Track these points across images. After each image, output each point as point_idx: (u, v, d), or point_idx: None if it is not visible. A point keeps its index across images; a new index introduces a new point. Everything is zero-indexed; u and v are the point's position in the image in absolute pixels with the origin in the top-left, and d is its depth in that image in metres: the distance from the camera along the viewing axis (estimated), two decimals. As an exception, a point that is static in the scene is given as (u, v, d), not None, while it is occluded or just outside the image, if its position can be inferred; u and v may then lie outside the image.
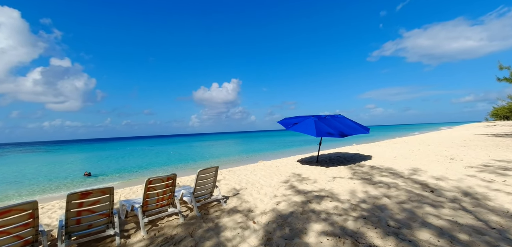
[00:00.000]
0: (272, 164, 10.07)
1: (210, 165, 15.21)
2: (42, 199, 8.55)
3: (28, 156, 35.15)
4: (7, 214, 2.76)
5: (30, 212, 2.94)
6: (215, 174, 5.05)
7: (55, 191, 10.08)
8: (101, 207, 3.52)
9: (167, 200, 4.40)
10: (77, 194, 3.28)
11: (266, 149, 28.49)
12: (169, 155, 25.98)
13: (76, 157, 29.80)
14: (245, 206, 4.76)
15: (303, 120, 8.26)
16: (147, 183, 3.98)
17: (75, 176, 13.94)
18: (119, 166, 18.49)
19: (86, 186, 10.92)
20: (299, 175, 7.31)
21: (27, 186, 11.77)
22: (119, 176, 13.51)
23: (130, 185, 9.25)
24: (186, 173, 12.05)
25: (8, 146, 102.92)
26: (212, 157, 21.83)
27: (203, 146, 40.14)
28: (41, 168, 19.12)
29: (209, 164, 16.00)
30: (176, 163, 18.44)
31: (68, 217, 3.29)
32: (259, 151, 25.90)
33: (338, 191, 5.30)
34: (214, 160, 19.23)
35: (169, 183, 4.32)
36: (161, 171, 14.47)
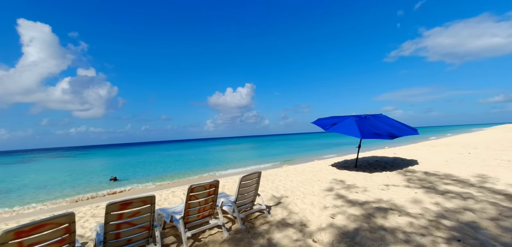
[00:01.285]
0: (303, 169, 9.36)
1: (233, 170, 14.74)
2: (71, 206, 8.45)
3: (57, 161, 36.91)
4: (41, 229, 2.34)
5: (66, 226, 2.51)
6: (258, 180, 4.49)
7: (84, 197, 10.03)
8: (141, 219, 3.06)
9: (208, 210, 3.88)
10: (117, 204, 2.84)
11: (285, 152, 27.68)
12: (188, 160, 25.96)
13: (101, 162, 30.75)
14: (295, 218, 4.13)
15: (342, 120, 7.52)
16: (189, 191, 3.47)
17: (102, 181, 14.05)
18: (142, 170, 18.58)
19: (112, 190, 10.83)
20: (341, 181, 6.55)
21: (57, 190, 11.93)
22: (144, 180, 13.40)
23: (155, 189, 8.97)
24: (206, 179, 11.64)
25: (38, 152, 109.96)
26: (232, 161, 21.41)
27: (221, 150, 40.04)
28: (69, 173, 19.71)
29: (230, 169, 15.55)
30: (195, 167, 18.20)
31: (107, 230, 2.85)
32: (279, 154, 25.16)
33: (400, 202, 4.51)
34: (234, 163, 18.79)
35: (212, 191, 3.80)
36: (183, 176, 14.20)
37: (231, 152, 34.75)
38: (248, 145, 57.04)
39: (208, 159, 26.05)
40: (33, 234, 2.29)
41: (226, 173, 13.99)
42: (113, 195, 9.82)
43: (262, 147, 44.18)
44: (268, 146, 46.05)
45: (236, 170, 15.15)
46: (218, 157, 27.87)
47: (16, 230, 2.20)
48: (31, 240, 2.29)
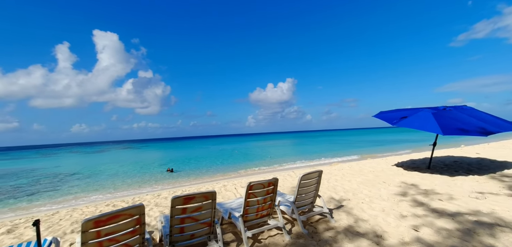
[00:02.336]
0: (359, 168, 8.40)
1: (278, 166, 14.43)
2: (136, 193, 9.33)
3: (124, 152, 42.66)
4: (116, 219, 2.40)
5: (137, 218, 2.54)
6: (318, 180, 4.03)
7: (145, 185, 11.09)
8: (203, 215, 2.97)
9: (267, 209, 3.62)
10: (181, 198, 2.79)
11: (331, 149, 26.04)
12: (232, 154, 26.73)
13: (158, 154, 34.26)
14: (365, 227, 3.55)
15: (414, 113, 6.39)
16: (248, 188, 3.26)
17: (160, 171, 15.44)
18: (193, 163, 19.85)
19: (169, 181, 11.71)
20: (414, 185, 5.56)
21: (124, 178, 13.55)
22: (196, 173, 14.20)
23: (207, 182, 9.31)
24: (249, 173, 11.63)
25: (110, 144, 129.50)
26: (276, 156, 21.13)
27: (263, 146, 40.24)
28: (133, 163, 22.41)
29: (275, 164, 15.27)
30: (240, 162, 18.50)
31: (173, 224, 2.83)
32: (324, 151, 23.80)
33: (510, 217, 3.47)
34: (278, 159, 18.45)
35: (270, 189, 3.52)
36: (230, 170, 14.53)
37: (273, 148, 34.57)
38: (290, 141, 56.04)
39: (251, 153, 26.38)
40: (109, 224, 2.36)
41: (271, 169, 13.78)
42: (168, 183, 10.58)
43: (305, 143, 42.76)
44: (312, 142, 44.34)
45: (282, 166, 14.80)
46: (261, 152, 27.97)
47: (95, 219, 2.27)
48: (107, 229, 2.35)
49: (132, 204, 5.98)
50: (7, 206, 8.26)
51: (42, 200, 8.98)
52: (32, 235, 4.10)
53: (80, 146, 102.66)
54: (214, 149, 37.69)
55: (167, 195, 6.64)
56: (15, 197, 9.75)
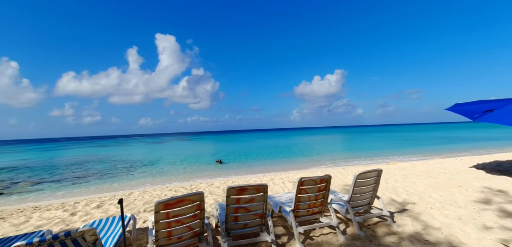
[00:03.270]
0: (426, 168, 7.34)
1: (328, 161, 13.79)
2: (191, 180, 10.23)
3: (180, 144, 47.41)
4: (180, 204, 2.67)
5: (198, 204, 2.78)
6: (377, 180, 3.68)
7: (199, 174, 12.09)
8: (255, 206, 3.06)
9: (319, 206, 3.50)
10: (235, 189, 2.92)
11: (388, 146, 23.48)
12: (278, 148, 26.75)
13: (208, 146, 36.93)
14: (437, 236, 3.08)
15: (504, 105, 5.19)
16: (299, 184, 3.20)
17: (210, 162, 16.63)
18: (241, 155, 20.70)
19: (219, 171, 12.51)
20: (502, 192, 4.56)
21: (181, 167, 15.06)
22: (244, 165, 14.78)
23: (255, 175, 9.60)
24: (296, 168, 11.38)
25: (167, 136, 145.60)
26: (324, 152, 20.25)
27: (309, 141, 39.07)
28: (188, 153, 24.69)
29: (323, 160, 14.64)
30: (286, 156, 18.37)
31: (228, 213, 3.00)
32: (380, 148, 21.63)
33: None
34: (326, 155, 17.63)
35: (322, 187, 3.38)
36: (276, 163, 14.60)
37: (320, 143, 33.22)
38: (338, 136, 52.88)
39: (297, 148, 25.93)
40: (176, 207, 2.64)
41: (318, 165, 13.28)
42: (219, 173, 11.27)
43: (356, 139, 39.71)
44: (363, 138, 40.90)
45: (330, 162, 14.11)
46: (307, 147, 27.23)
47: (165, 202, 2.57)
48: (174, 212, 2.63)
49: (190, 190, 6.61)
50: (95, 185, 10.17)
51: (118, 182, 10.73)
52: (115, 211, 4.93)
53: (145, 137, 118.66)
54: (259, 143, 38.50)
55: (219, 184, 7.09)
56: (100, 178, 11.91)
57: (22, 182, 11.65)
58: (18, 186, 10.61)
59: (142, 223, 4.02)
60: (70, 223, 4.26)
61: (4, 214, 5.19)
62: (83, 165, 17.34)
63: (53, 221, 4.39)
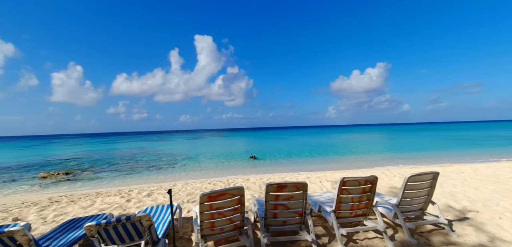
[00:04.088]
0: (492, 172, 6.31)
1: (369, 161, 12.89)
2: (226, 175, 10.58)
3: (216, 139, 49.53)
4: (222, 197, 2.78)
5: (238, 198, 2.87)
6: (433, 183, 3.30)
7: (234, 169, 12.46)
8: (295, 204, 3.02)
9: (363, 209, 3.29)
10: (274, 186, 2.93)
11: (442, 146, 20.86)
12: (313, 146, 25.97)
13: (242, 142, 37.81)
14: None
15: None
16: (341, 184, 3.05)
17: (244, 158, 16.99)
18: (275, 152, 20.70)
19: (254, 167, 12.70)
20: None
21: (217, 161, 15.72)
22: (278, 162, 14.76)
23: (290, 172, 9.50)
24: (333, 167, 10.83)
25: (205, 132, 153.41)
26: (363, 151, 18.97)
27: (346, 139, 37.03)
28: (223, 149, 25.64)
29: (362, 160, 13.71)
30: (322, 155, 17.72)
31: (267, 208, 3.03)
32: (431, 148, 19.35)
33: None
34: (366, 154, 16.48)
35: (367, 188, 3.17)
36: (310, 162, 14.19)
37: (359, 141, 31.21)
38: (380, 134, 48.94)
39: (333, 146, 24.81)
40: (218, 200, 2.76)
41: (357, 165, 12.50)
42: (254, 169, 11.44)
43: (401, 137, 36.24)
44: (410, 137, 37.10)
45: (372, 163, 13.17)
46: (345, 145, 25.84)
47: (208, 194, 2.71)
48: (217, 204, 2.75)
49: (228, 185, 6.86)
50: (144, 176, 11.28)
51: (163, 174, 11.70)
52: (162, 199, 5.39)
53: (185, 133, 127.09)
54: (292, 140, 37.95)
55: (254, 180, 7.20)
56: (148, 170, 13.16)
57: (86, 170, 13.53)
58: (83, 174, 12.36)
59: (186, 212, 4.32)
60: (127, 209, 4.81)
61: (74, 197, 6.10)
62: (134, 157, 19.37)
63: (113, 206, 5.01)
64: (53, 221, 4.18)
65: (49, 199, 5.96)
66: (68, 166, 15.72)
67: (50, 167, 15.22)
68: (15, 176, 12.23)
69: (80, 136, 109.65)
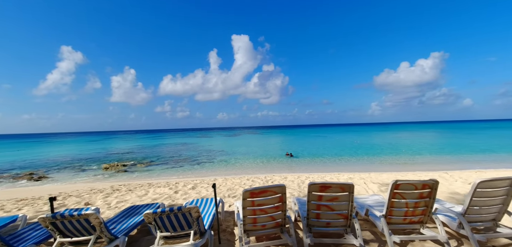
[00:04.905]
0: None
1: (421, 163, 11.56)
2: (264, 172, 10.65)
3: (252, 137, 50.42)
4: (264, 194, 2.79)
5: (280, 196, 2.85)
6: (509, 190, 2.78)
7: (271, 166, 12.49)
8: (340, 206, 2.87)
9: (419, 216, 2.95)
10: (317, 185, 2.83)
11: None
12: (353, 145, 24.40)
13: (277, 140, 37.71)
14: None
15: None
16: (393, 187, 2.78)
17: (280, 155, 16.90)
18: (311, 150, 20.11)
19: (291, 166, 12.54)
20: None
21: (254, 158, 15.96)
22: (315, 161, 14.30)
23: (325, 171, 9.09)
24: (379, 168, 9.91)
25: (241, 129, 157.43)
26: (414, 151, 17.06)
27: (393, 137, 33.82)
28: (259, 146, 25.94)
29: (412, 161, 12.32)
30: (363, 154, 16.50)
31: (309, 208, 2.94)
32: (504, 149, 16.37)
33: None
34: (420, 156, 14.76)
35: (425, 193, 2.83)
36: (354, 161, 13.34)
37: (408, 141, 28.19)
38: (435, 133, 43.39)
39: (377, 145, 22.90)
40: (260, 197, 2.78)
41: (405, 166, 11.30)
42: (290, 168, 11.29)
43: (462, 136, 31.53)
44: (473, 135, 32.04)
45: (426, 164, 11.77)
46: (391, 144, 23.62)
47: (251, 191, 2.75)
48: (259, 200, 2.78)
49: (265, 182, 6.90)
50: (188, 170, 12.13)
51: (204, 169, 12.40)
52: (205, 193, 5.70)
53: (222, 130, 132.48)
54: (330, 138, 36.31)
55: (293, 178, 7.09)
56: (190, 164, 14.11)
57: (139, 163, 15.16)
58: (137, 166, 13.87)
59: (227, 207, 4.49)
60: (175, 199, 5.23)
61: (131, 187, 6.88)
62: (178, 152, 20.98)
63: (163, 196, 5.50)
64: (116, 207, 4.79)
65: (111, 187, 6.84)
66: (125, 158, 17.85)
67: (110, 159, 17.50)
68: (84, 166, 14.40)
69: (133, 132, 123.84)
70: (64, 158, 19.31)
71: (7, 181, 10.33)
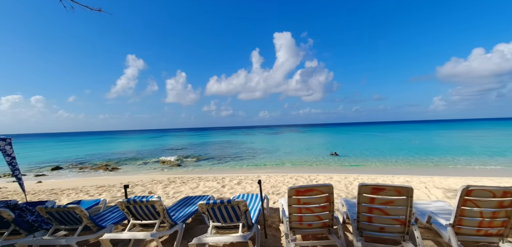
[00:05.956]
0: None
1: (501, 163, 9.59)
2: (308, 171, 10.41)
3: (294, 135, 49.71)
4: (310, 193, 2.76)
5: (326, 195, 2.78)
6: None
7: (315, 165, 12.13)
8: (395, 210, 2.63)
9: (498, 227, 2.50)
10: (369, 187, 2.65)
11: None
12: (410, 145, 21.72)
13: (321, 138, 36.26)
14: None
15: None
16: (464, 193, 2.42)
17: (324, 155, 16.22)
18: (358, 150, 18.74)
19: (336, 166, 11.94)
20: None
21: (296, 156, 15.73)
22: (363, 161, 13.30)
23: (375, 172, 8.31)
24: (443, 172, 8.51)
25: (282, 127, 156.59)
26: (493, 153, 14.25)
27: (462, 137, 28.89)
28: (302, 144, 25.40)
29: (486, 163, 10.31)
30: (421, 154, 14.50)
31: (360, 211, 2.79)
32: None
33: None
34: (499, 159, 12.27)
35: (507, 202, 2.38)
36: (410, 162, 11.90)
37: (486, 141, 23.70)
38: (521, 131, 35.37)
39: (443, 147, 19.89)
40: (306, 195, 2.76)
41: (483, 172, 9.54)
42: (336, 168, 10.73)
43: None
44: None
45: (505, 168, 9.77)
46: (461, 145, 20.21)
47: (296, 189, 2.75)
48: (304, 199, 2.77)
49: (309, 181, 6.76)
50: (233, 166, 12.73)
51: (248, 165, 12.81)
52: (250, 189, 5.91)
53: (264, 128, 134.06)
54: (382, 137, 33.10)
55: (339, 179, 6.77)
56: (234, 160, 14.75)
57: (190, 158, 16.57)
58: (188, 161, 15.19)
59: (272, 203, 4.57)
60: (222, 193, 5.58)
61: (184, 179, 7.59)
62: (223, 149, 22.18)
63: (212, 189, 5.93)
64: (173, 197, 5.37)
65: (168, 179, 7.68)
66: (178, 153, 19.76)
67: (166, 154, 19.61)
68: (146, 160, 16.46)
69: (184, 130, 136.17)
70: (130, 152, 22.44)
71: (89, 171, 12.57)
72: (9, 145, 3.81)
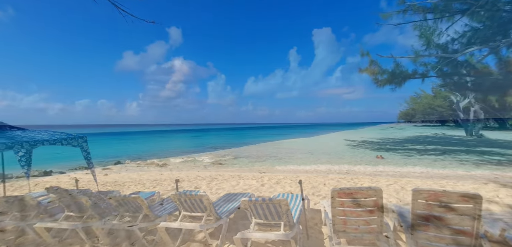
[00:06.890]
0: None
1: None
2: (352, 173, 9.83)
3: (334, 134, 47.45)
4: (354, 195, 2.64)
5: (374, 199, 2.61)
6: None
7: (358, 167, 11.39)
8: (459, 220, 2.33)
9: None
10: (425, 193, 2.41)
11: None
12: (479, 142, 18.62)
13: (364, 137, 33.79)
14: None
15: None
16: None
17: (369, 156, 15.09)
18: (410, 151, 16.91)
19: (381, 166, 11.01)
20: None
21: (337, 157, 14.99)
22: (416, 162, 11.96)
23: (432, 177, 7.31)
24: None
25: (320, 126, 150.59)
26: None
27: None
28: (342, 145, 24.09)
29: None
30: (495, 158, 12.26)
31: (414, 219, 2.54)
32: None
33: None
34: None
35: None
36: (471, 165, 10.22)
37: None
38: None
39: None
40: (350, 198, 2.65)
41: None
42: (382, 171, 9.86)
43: None
44: None
45: None
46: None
47: (338, 190, 2.67)
48: (348, 202, 2.65)
49: (352, 183, 6.40)
50: (272, 165, 12.82)
51: (286, 165, 12.72)
52: (289, 189, 5.88)
53: (301, 127, 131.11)
54: (444, 137, 29.21)
55: (385, 182, 6.25)
56: (272, 159, 14.81)
57: (229, 156, 17.23)
58: (228, 159, 15.83)
59: (312, 204, 4.48)
60: (262, 192, 5.69)
61: (225, 177, 7.96)
62: (261, 148, 22.46)
63: (252, 187, 6.10)
64: (216, 193, 5.70)
65: (210, 176, 8.16)
66: (218, 151, 20.77)
67: (207, 151, 20.78)
68: (190, 156, 17.72)
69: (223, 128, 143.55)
70: (176, 149, 24.44)
71: (143, 166, 14.13)
72: (85, 142, 4.55)
